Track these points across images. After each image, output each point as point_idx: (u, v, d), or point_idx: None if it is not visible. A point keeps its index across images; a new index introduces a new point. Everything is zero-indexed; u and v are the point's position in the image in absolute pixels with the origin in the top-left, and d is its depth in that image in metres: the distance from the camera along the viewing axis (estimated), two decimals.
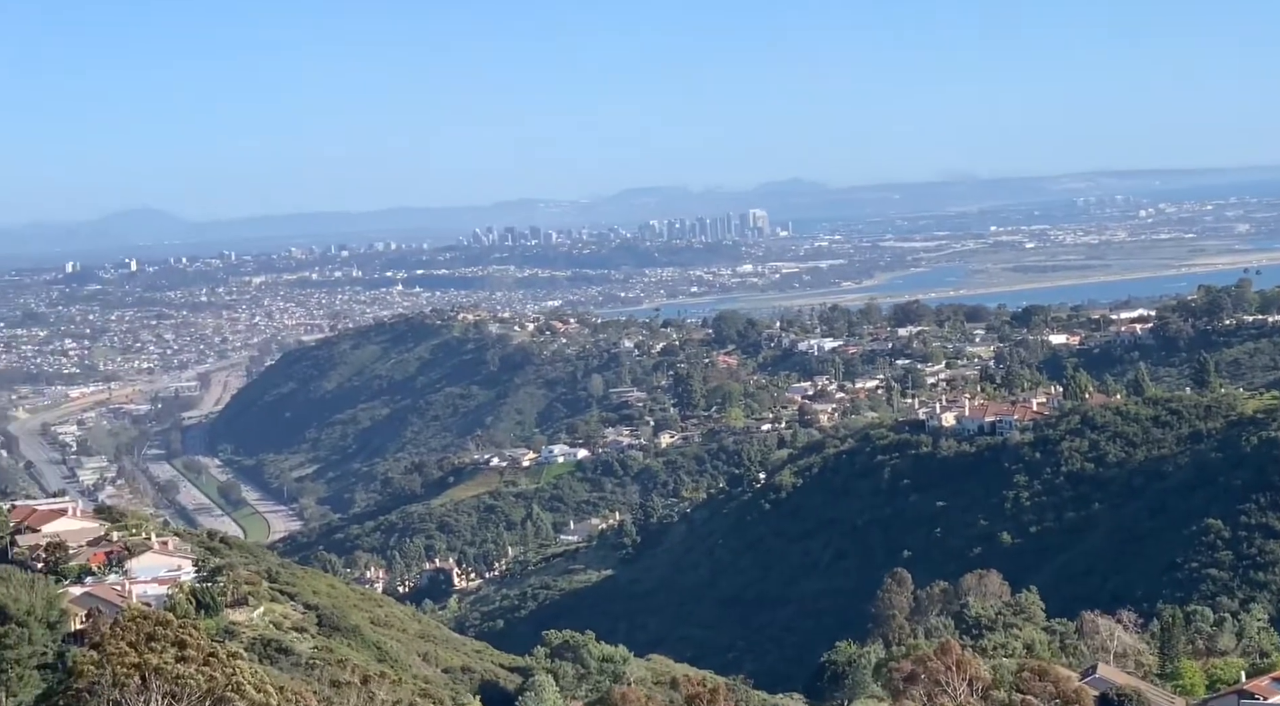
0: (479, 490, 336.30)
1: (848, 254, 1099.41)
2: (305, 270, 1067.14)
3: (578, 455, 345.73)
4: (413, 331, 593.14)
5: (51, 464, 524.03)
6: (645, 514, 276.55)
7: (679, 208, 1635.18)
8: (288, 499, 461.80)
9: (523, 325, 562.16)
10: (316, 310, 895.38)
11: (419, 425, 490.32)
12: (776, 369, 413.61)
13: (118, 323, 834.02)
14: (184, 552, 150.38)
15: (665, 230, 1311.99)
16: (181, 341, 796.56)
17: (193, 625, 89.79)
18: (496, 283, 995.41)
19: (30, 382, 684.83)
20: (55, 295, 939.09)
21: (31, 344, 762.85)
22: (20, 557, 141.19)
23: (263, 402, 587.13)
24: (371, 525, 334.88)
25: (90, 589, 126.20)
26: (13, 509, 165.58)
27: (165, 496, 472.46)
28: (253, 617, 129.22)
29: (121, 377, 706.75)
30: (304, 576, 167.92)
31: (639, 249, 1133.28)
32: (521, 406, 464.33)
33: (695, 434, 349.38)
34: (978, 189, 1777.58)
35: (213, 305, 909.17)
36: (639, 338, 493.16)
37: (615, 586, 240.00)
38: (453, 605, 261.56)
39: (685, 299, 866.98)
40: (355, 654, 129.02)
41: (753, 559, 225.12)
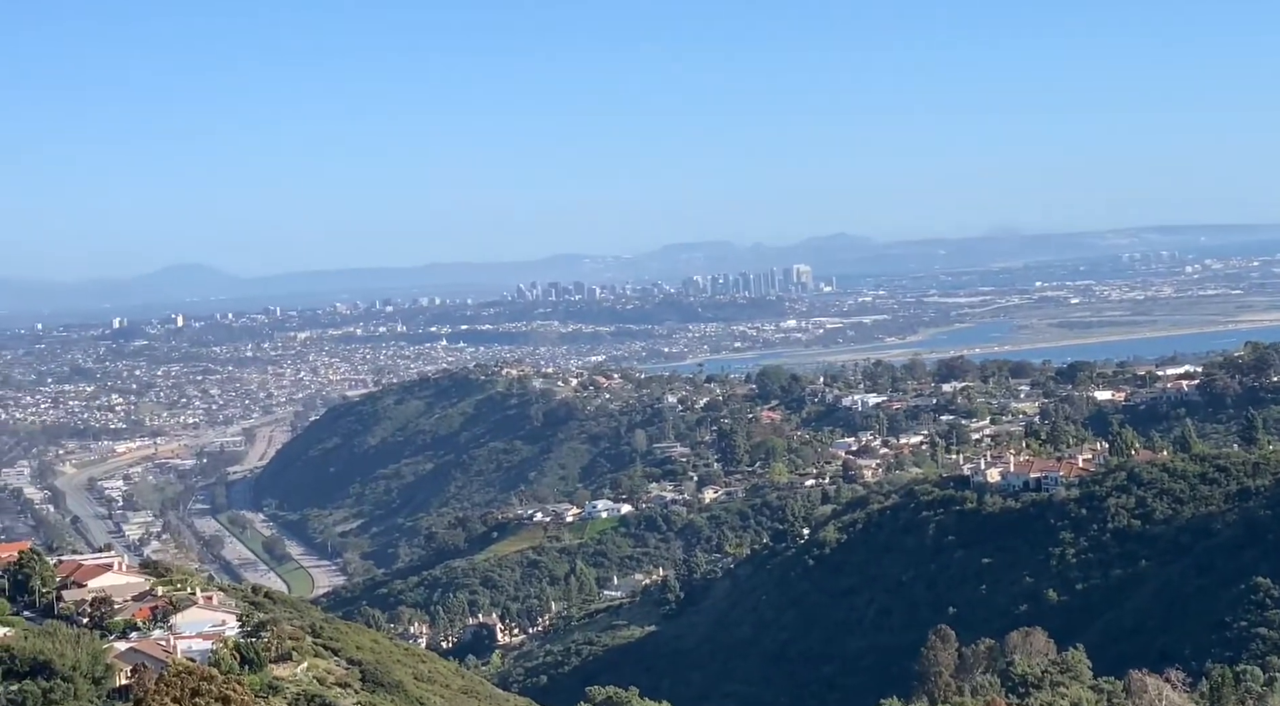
0: (522, 545, 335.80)
1: (892, 309, 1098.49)
2: (350, 325, 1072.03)
3: (621, 510, 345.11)
4: (457, 386, 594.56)
5: (98, 519, 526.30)
6: (689, 569, 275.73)
7: (723, 263, 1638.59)
8: (332, 554, 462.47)
9: (566, 380, 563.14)
10: (361, 365, 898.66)
11: (463, 480, 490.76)
12: (820, 424, 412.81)
13: (164, 378, 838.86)
14: (228, 608, 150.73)
15: (709, 285, 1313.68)
16: (227, 396, 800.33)
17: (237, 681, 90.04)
18: (540, 338, 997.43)
19: (77, 438, 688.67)
20: (103, 351, 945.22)
21: (79, 399, 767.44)
22: (66, 612, 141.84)
23: (307, 457, 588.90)
24: (415, 580, 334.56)
25: (135, 644, 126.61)
26: (59, 563, 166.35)
27: (210, 551, 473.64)
28: (296, 673, 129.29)
29: (167, 433, 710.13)
30: (348, 631, 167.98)
31: (683, 304, 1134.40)
32: (565, 461, 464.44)
33: (739, 489, 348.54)
34: (1022, 244, 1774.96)
35: (258, 360, 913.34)
36: (682, 393, 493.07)
37: (659, 642, 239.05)
38: (496, 660, 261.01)
39: (729, 354, 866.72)
40: None
41: (796, 615, 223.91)
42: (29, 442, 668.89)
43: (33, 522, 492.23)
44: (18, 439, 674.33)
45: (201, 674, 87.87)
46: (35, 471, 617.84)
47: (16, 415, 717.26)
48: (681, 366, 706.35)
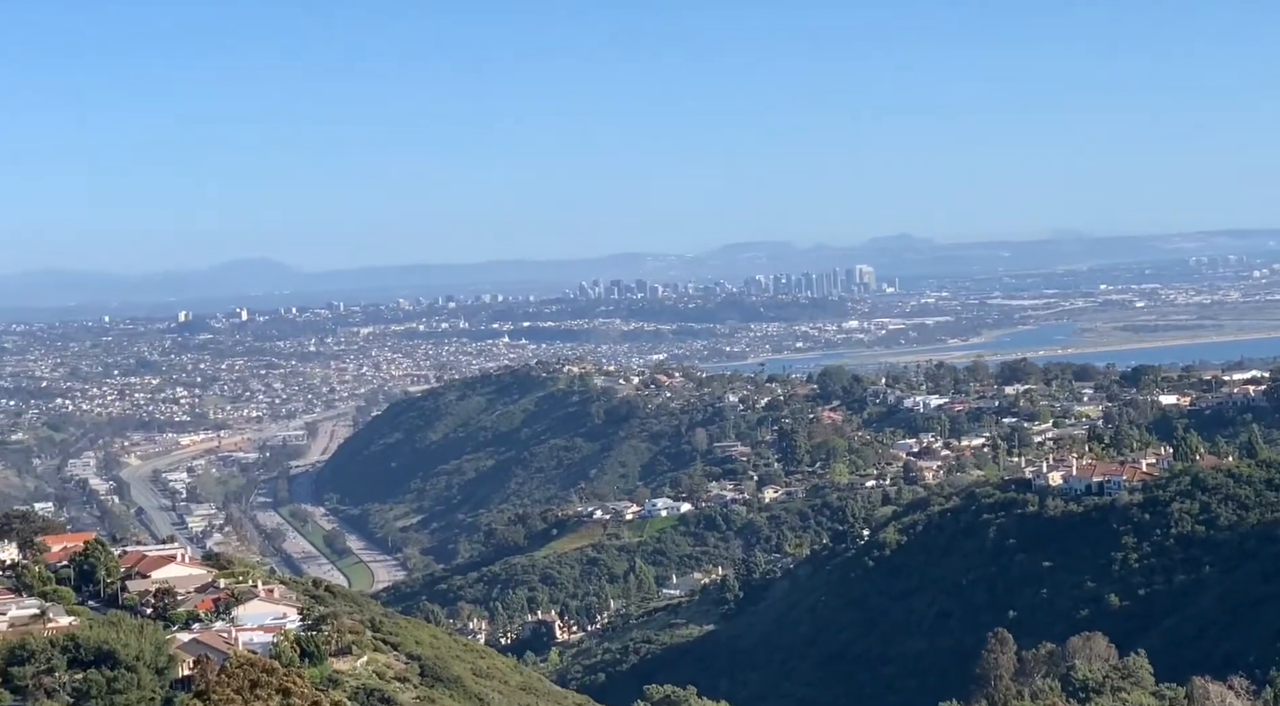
0: (582, 542, 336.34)
1: (954, 311, 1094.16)
2: (413, 321, 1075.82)
3: (681, 509, 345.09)
4: (518, 383, 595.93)
5: (161, 510, 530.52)
6: (748, 569, 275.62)
7: (785, 263, 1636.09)
8: (392, 548, 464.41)
9: (628, 378, 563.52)
10: (423, 361, 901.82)
11: (523, 477, 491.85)
12: (881, 425, 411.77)
13: (228, 371, 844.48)
14: (289, 601, 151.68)
15: (771, 285, 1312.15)
16: (290, 391, 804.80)
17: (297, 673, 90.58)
18: (602, 335, 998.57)
19: (142, 430, 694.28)
20: (168, 344, 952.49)
21: (144, 392, 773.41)
22: (130, 603, 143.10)
23: (369, 452, 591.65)
24: (475, 576, 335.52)
25: (198, 635, 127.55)
26: (124, 554, 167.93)
27: (272, 544, 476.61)
28: (356, 667, 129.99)
29: (231, 426, 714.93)
30: (407, 626, 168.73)
31: (745, 303, 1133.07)
32: (625, 459, 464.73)
33: (799, 489, 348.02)
34: (1087, 247, 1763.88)
35: (321, 355, 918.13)
36: (744, 392, 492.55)
37: (717, 641, 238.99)
38: (554, 657, 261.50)
39: (790, 354, 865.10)
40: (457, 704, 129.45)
41: (856, 616, 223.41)
42: (95, 434, 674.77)
43: (98, 513, 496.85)
44: (84, 430, 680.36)
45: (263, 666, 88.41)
46: (101, 463, 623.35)
47: (84, 407, 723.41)
48: (743, 365, 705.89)
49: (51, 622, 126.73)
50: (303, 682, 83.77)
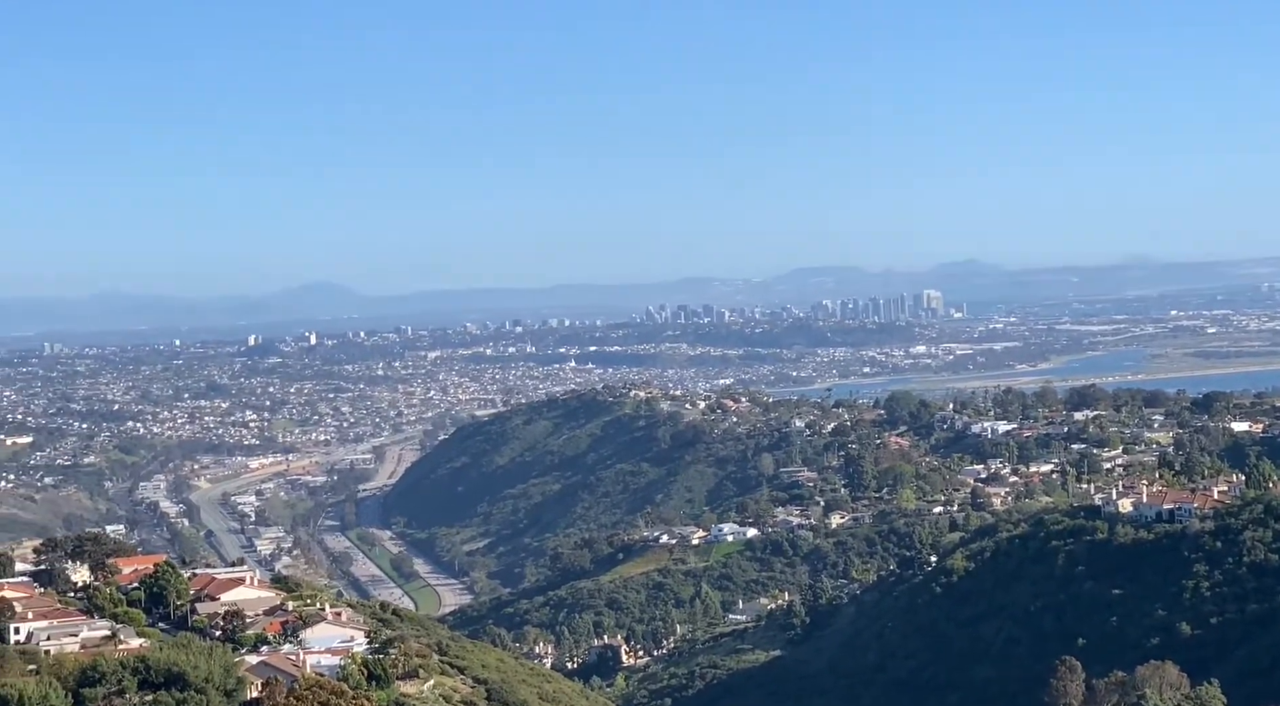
0: (648, 567, 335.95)
1: (1023, 336, 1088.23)
2: (480, 345, 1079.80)
3: (747, 534, 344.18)
4: (585, 407, 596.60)
5: (230, 533, 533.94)
6: (814, 594, 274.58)
7: (853, 287, 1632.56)
8: (459, 572, 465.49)
9: (694, 403, 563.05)
10: (490, 385, 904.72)
11: (589, 501, 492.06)
12: (949, 451, 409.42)
13: (297, 395, 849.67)
14: (357, 624, 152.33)
15: (838, 310, 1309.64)
16: (358, 414, 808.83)
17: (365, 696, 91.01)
18: (668, 360, 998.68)
19: (212, 453, 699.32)
20: (238, 367, 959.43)
21: (214, 415, 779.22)
22: (199, 625, 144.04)
23: (436, 476, 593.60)
24: (541, 600, 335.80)
25: (266, 658, 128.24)
26: (193, 577, 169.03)
27: (339, 567, 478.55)
28: (423, 690, 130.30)
29: (299, 449, 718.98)
30: (474, 650, 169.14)
31: (812, 328, 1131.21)
32: (691, 484, 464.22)
33: (866, 515, 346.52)
34: (1158, 273, 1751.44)
35: (389, 379, 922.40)
36: (810, 417, 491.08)
37: (783, 667, 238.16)
38: (620, 682, 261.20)
39: (857, 379, 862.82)
40: None
41: (923, 642, 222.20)
42: (165, 457, 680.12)
43: (168, 536, 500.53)
44: (155, 453, 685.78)
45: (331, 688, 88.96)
46: (171, 485, 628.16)
47: (154, 430, 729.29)
48: (809, 390, 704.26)
49: (122, 644, 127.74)
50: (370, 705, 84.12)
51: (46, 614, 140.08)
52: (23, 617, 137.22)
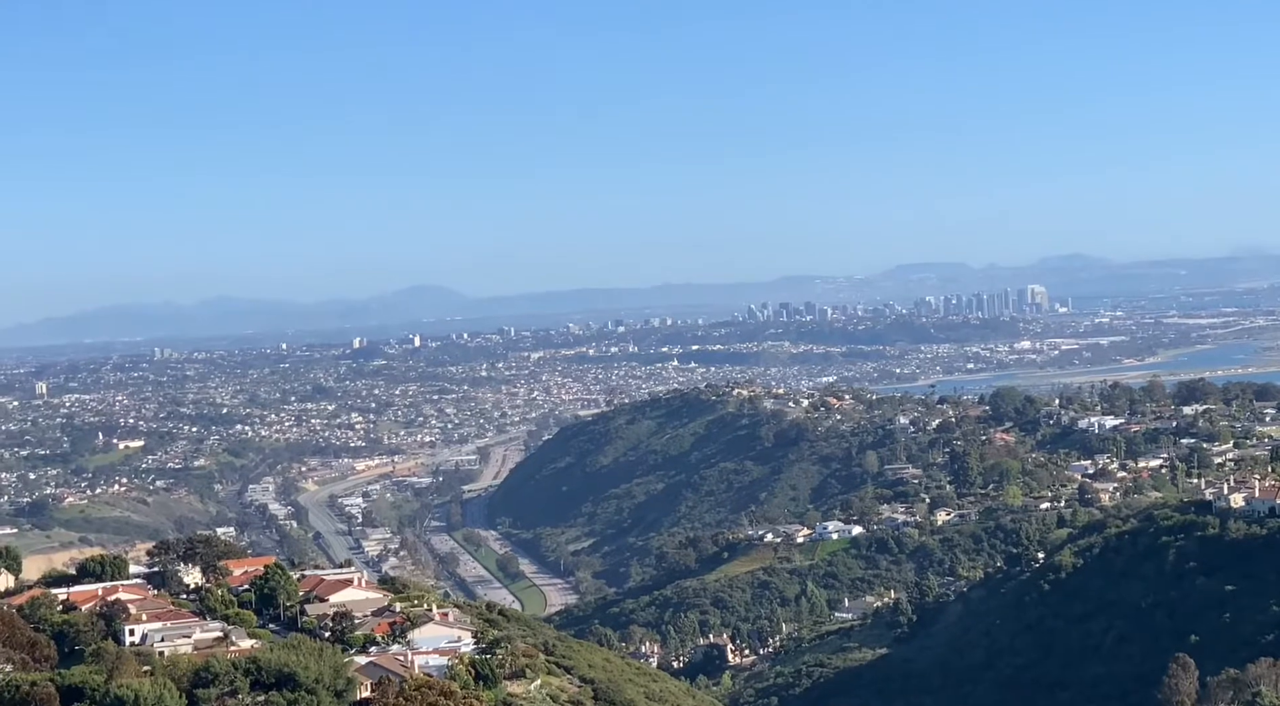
0: (753, 566, 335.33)
1: (1130, 330, 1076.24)
2: (582, 346, 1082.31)
3: (852, 531, 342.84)
4: (687, 407, 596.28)
5: (338, 534, 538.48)
6: (921, 592, 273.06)
7: (956, 284, 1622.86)
8: (564, 572, 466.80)
9: (797, 401, 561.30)
10: (593, 385, 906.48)
11: (693, 500, 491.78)
12: (1055, 447, 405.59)
13: (401, 397, 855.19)
14: (464, 624, 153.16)
15: (941, 306, 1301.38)
16: (462, 416, 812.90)
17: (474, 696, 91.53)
18: (771, 358, 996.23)
19: (319, 455, 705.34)
20: (343, 370, 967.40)
21: (320, 417, 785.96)
22: (309, 626, 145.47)
23: (540, 477, 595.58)
24: (646, 599, 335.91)
25: (375, 658, 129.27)
26: (302, 578, 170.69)
27: (445, 568, 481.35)
28: (530, 690, 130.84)
29: (405, 451, 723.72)
30: (580, 650, 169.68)
31: (915, 325, 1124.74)
32: (795, 482, 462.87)
33: (972, 511, 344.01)
34: (1268, 265, 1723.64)
35: (492, 380, 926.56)
36: (914, 414, 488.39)
37: (890, 665, 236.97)
38: (726, 681, 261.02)
39: (961, 375, 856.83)
40: None
41: (1031, 640, 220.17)
42: (274, 460, 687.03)
43: (277, 537, 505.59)
44: (263, 456, 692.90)
45: (440, 688, 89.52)
46: (280, 488, 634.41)
47: (262, 432, 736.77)
48: (913, 387, 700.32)
49: (234, 645, 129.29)
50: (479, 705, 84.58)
51: (160, 615, 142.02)
52: (137, 619, 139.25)
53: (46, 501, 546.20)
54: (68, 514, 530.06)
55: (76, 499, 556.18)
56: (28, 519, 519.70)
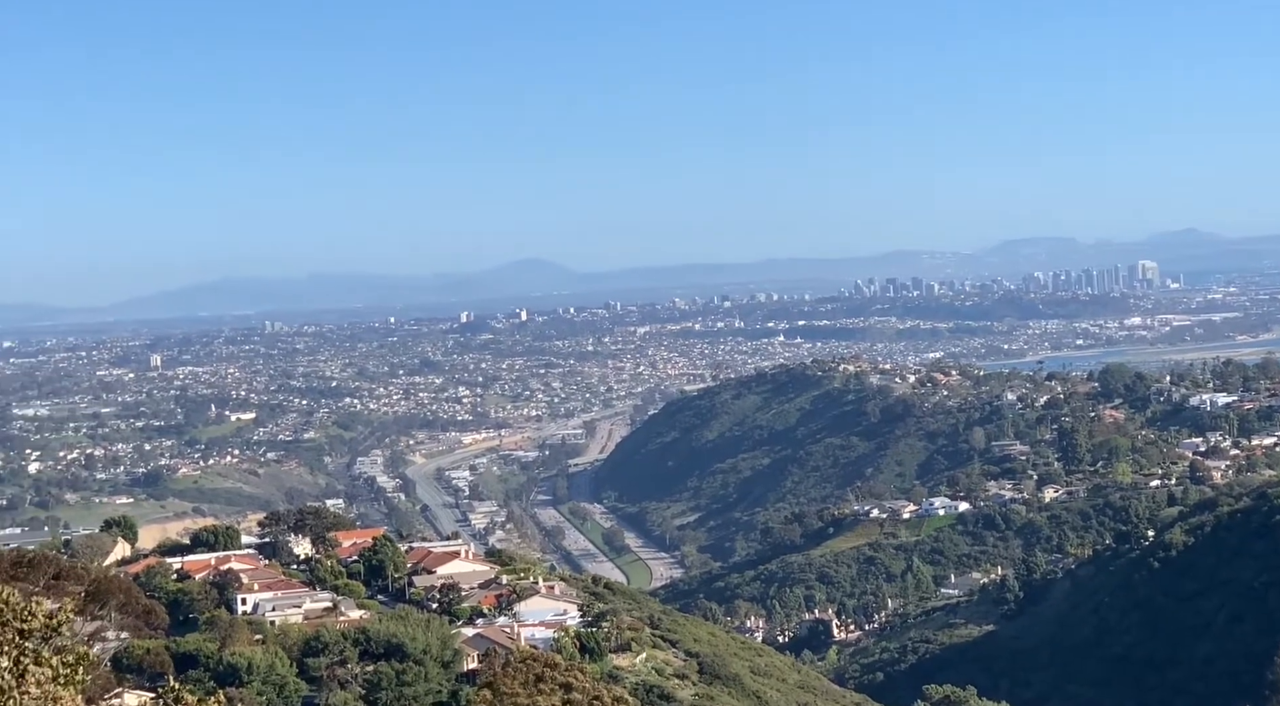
0: (858, 541, 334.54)
1: (1243, 306, 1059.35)
2: (688, 320, 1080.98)
3: (958, 508, 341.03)
4: (793, 382, 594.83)
5: (445, 507, 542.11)
6: (1028, 569, 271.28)
7: (1065, 259, 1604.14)
8: (669, 546, 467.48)
9: (903, 377, 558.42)
10: (699, 360, 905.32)
11: (799, 475, 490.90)
12: (1166, 424, 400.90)
13: (508, 371, 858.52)
14: (570, 597, 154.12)
15: (1050, 282, 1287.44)
16: (568, 390, 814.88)
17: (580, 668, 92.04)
18: (877, 334, 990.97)
19: (426, 428, 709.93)
20: (450, 344, 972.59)
21: (428, 391, 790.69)
22: (417, 597, 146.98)
23: (646, 451, 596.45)
24: (751, 574, 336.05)
25: (481, 630, 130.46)
26: (410, 550, 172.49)
27: (551, 541, 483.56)
28: (636, 663, 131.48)
29: (511, 425, 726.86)
30: (685, 623, 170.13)
31: (1022, 301, 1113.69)
32: (901, 458, 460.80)
33: (1080, 489, 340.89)
34: None
35: (598, 354, 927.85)
36: (1022, 390, 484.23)
37: (997, 642, 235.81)
38: (832, 656, 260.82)
39: (1070, 352, 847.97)
40: (735, 702, 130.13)
41: (1141, 618, 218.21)
42: (382, 432, 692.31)
43: (385, 510, 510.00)
44: (372, 429, 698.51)
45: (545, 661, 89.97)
46: (388, 460, 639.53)
47: (371, 406, 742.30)
48: (1021, 363, 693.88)
49: (343, 616, 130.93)
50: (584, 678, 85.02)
51: (271, 585, 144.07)
52: (249, 588, 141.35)
53: (161, 472, 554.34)
54: (181, 484, 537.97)
55: (190, 470, 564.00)
56: (143, 489, 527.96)
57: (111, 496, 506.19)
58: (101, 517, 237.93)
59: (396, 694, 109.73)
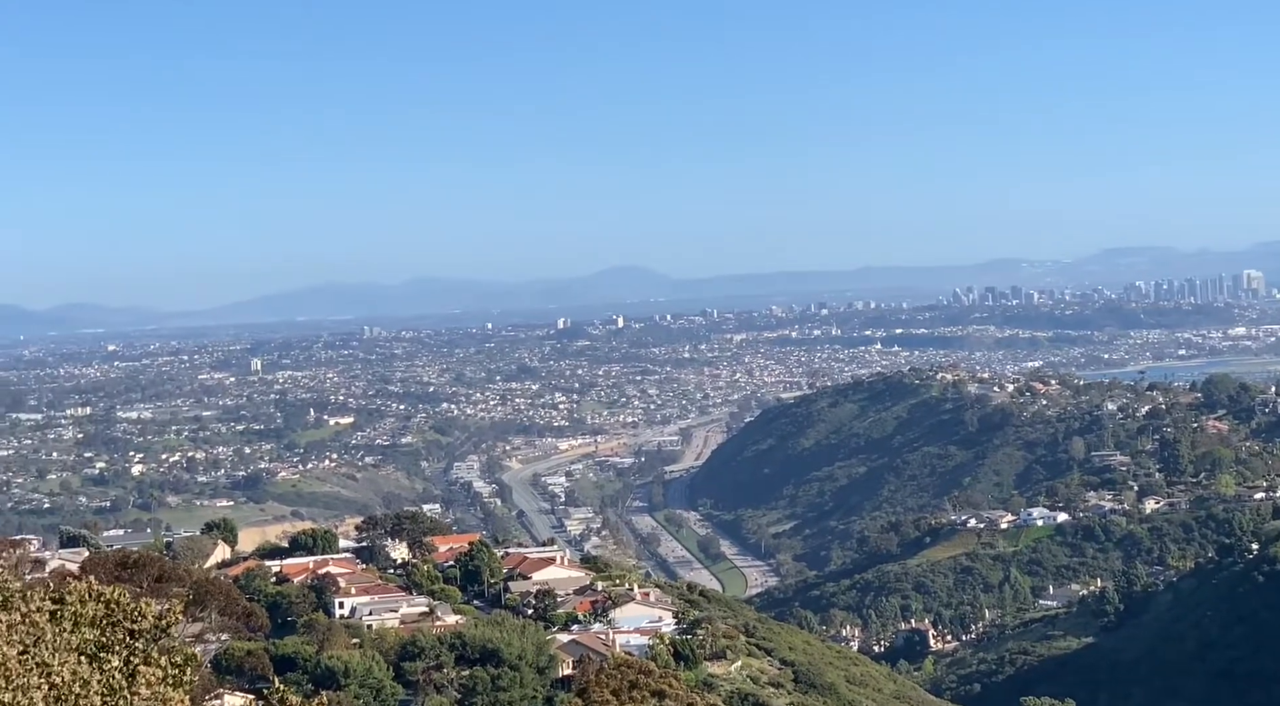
0: (955, 551, 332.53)
1: None
2: (785, 328, 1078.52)
3: (1057, 518, 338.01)
4: (890, 390, 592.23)
5: (541, 513, 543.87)
6: (1128, 581, 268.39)
7: (1166, 268, 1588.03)
8: (765, 554, 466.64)
9: (1002, 386, 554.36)
10: (795, 367, 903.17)
11: (895, 484, 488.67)
12: (1271, 436, 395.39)
13: (604, 377, 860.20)
14: (664, 604, 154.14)
15: (1151, 291, 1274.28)
16: (664, 396, 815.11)
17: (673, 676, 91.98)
18: (975, 342, 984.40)
19: (523, 434, 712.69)
20: (547, 350, 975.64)
21: (524, 397, 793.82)
22: (512, 603, 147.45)
23: (741, 458, 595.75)
24: (847, 583, 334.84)
25: (576, 636, 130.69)
26: (506, 555, 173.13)
27: (646, 548, 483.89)
28: (730, 671, 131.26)
29: (607, 431, 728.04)
30: (780, 632, 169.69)
31: (1123, 310, 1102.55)
32: (999, 467, 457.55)
33: (1182, 500, 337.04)
34: None
35: (694, 361, 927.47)
36: (1123, 400, 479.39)
37: (1097, 654, 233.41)
38: (928, 666, 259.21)
39: (1172, 362, 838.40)
40: None
41: (1244, 632, 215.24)
42: (478, 438, 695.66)
43: (482, 515, 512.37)
44: (468, 434, 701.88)
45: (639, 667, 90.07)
46: (484, 466, 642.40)
47: (468, 411, 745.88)
48: (1122, 373, 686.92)
49: (439, 621, 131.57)
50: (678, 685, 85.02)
51: (368, 589, 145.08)
52: (346, 592, 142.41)
53: (260, 475, 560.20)
54: (280, 488, 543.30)
55: (289, 473, 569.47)
56: (243, 492, 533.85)
57: (212, 499, 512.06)
58: (202, 520, 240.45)
59: (491, 699, 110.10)
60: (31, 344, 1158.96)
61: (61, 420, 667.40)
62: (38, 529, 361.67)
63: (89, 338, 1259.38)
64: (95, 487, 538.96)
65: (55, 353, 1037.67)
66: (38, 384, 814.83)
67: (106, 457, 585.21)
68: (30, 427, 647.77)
